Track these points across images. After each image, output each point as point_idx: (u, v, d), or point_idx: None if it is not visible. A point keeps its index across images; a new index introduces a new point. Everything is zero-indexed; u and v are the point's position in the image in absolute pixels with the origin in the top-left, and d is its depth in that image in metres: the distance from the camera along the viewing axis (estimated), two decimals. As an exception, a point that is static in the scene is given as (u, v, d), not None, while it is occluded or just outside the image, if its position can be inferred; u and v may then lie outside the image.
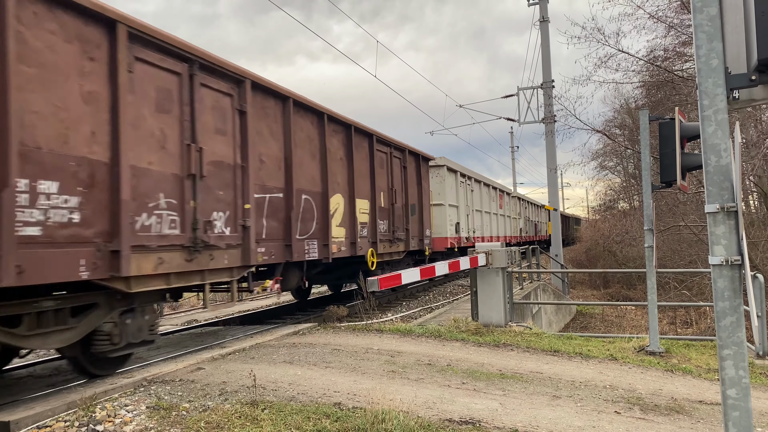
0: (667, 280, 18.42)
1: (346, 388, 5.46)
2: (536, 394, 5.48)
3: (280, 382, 5.61)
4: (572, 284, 26.14)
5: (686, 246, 19.17)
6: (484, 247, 8.91)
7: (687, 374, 6.75)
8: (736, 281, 2.66)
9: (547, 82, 25.24)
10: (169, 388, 5.53)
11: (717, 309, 2.70)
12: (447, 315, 10.85)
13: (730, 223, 2.68)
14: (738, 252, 2.66)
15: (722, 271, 2.69)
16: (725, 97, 2.72)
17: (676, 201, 19.65)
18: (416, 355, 6.86)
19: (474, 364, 6.54)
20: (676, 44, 20.56)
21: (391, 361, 6.54)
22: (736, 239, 2.67)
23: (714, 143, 2.70)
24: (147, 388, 5.61)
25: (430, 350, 7.21)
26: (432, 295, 15.65)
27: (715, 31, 2.73)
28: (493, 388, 5.59)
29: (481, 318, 9.03)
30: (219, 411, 4.71)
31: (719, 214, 2.68)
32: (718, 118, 2.70)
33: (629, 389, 5.79)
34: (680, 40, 20.55)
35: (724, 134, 2.69)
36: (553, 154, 23.99)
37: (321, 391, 5.32)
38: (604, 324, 19.44)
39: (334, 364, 6.35)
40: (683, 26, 19.24)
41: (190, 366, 6.51)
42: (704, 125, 2.72)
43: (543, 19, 25.83)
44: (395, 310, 12.87)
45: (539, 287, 17.18)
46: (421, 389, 5.47)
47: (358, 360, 6.55)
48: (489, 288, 8.93)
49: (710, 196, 2.71)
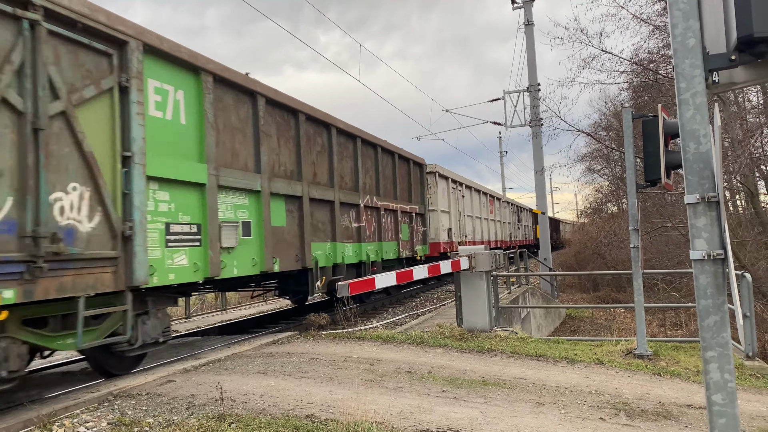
0: (655, 282, 18.30)
1: (320, 398, 5.21)
2: (519, 401, 5.26)
3: (251, 394, 5.36)
4: (561, 288, 26.01)
5: (674, 247, 19.07)
6: (468, 250, 8.71)
7: (675, 377, 6.56)
8: (719, 277, 2.46)
9: (533, 85, 25.17)
10: (135, 403, 5.26)
11: (699, 307, 2.50)
12: (433, 321, 10.62)
13: (711, 214, 2.48)
14: (721, 245, 2.46)
15: (704, 266, 2.48)
16: (703, 80, 2.52)
17: (663, 201, 19.59)
18: (396, 363, 6.62)
19: (456, 371, 6.31)
20: (661, 47, 20.57)
21: (370, 370, 6.30)
22: (718, 231, 2.47)
23: (692, 129, 2.50)
24: (111, 403, 5.34)
25: (411, 357, 6.98)
26: (419, 301, 15.42)
27: (691, 9, 2.53)
28: (474, 396, 5.37)
29: (466, 323, 8.81)
30: (183, 426, 4.45)
31: (699, 205, 2.48)
32: (696, 101, 2.50)
33: (615, 394, 5.59)
34: (665, 42, 20.55)
35: (703, 119, 2.50)
36: (540, 156, 23.91)
37: (294, 403, 5.08)
38: (594, 327, 19.29)
39: (310, 374, 6.10)
40: (667, 29, 19.24)
41: (161, 378, 6.24)
42: (682, 110, 2.53)
43: (528, 22, 25.83)
44: (381, 316, 12.62)
45: (527, 291, 16.99)
46: (398, 398, 5.24)
47: (336, 369, 6.31)
48: (473, 292, 8.72)
49: (690, 186, 2.51)
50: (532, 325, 17.28)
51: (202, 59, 7.06)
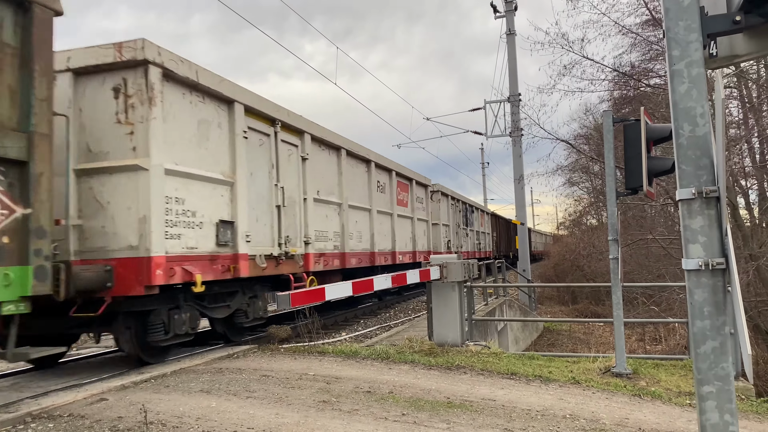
0: (635, 296, 17.94)
1: (263, 423, 4.63)
2: (485, 426, 4.72)
3: (186, 417, 4.76)
4: (540, 299, 25.62)
5: (654, 260, 18.77)
6: (439, 259, 8.19)
7: (656, 399, 6.08)
8: (719, 292, 1.96)
9: (514, 95, 24.89)
10: (52, 426, 4.64)
11: (694, 330, 1.99)
12: (405, 333, 10.07)
13: (709, 213, 1.97)
14: (721, 252, 1.96)
15: (700, 278, 1.98)
16: (701, 46, 2.03)
17: (643, 213, 19.30)
18: (356, 381, 6.06)
19: (420, 391, 5.76)
20: (643, 59, 20.36)
21: (326, 389, 5.72)
22: (718, 235, 1.97)
23: (687, 107, 2.01)
24: (27, 425, 4.71)
25: (373, 375, 6.41)
26: (393, 312, 14.85)
27: (686, -41, 2.05)
28: (436, 420, 4.82)
29: (436, 337, 8.28)
30: (97, 457, 3.84)
31: (695, 202, 1.98)
32: (693, 73, 2.01)
33: (592, 419, 5.08)
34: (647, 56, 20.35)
35: (700, 94, 2.00)
36: (519, 165, 23.62)
37: (232, 428, 4.49)
38: (572, 341, 18.88)
39: (258, 394, 5.51)
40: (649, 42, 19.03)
41: (92, 396, 5.60)
42: (674, 83, 2.03)
43: (510, 32, 25.61)
44: (351, 328, 12.04)
45: (505, 303, 16.52)
46: (352, 423, 4.68)
47: (287, 388, 5.72)
48: (444, 304, 8.20)
49: (683, 178, 2.01)
50: (509, 337, 16.80)
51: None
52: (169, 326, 6.92)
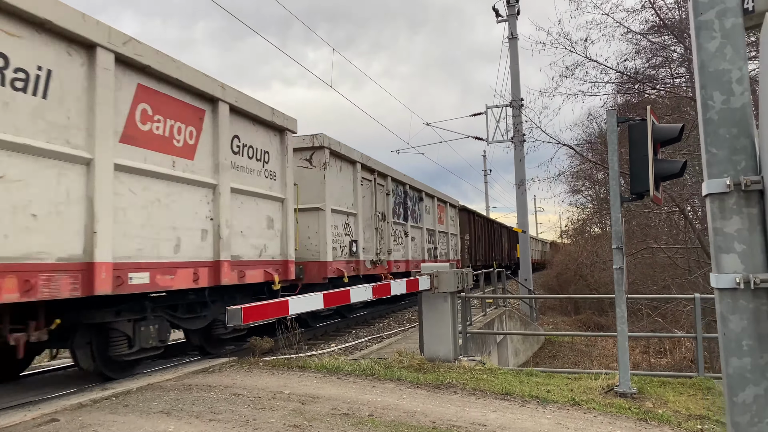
0: (639, 307, 17.36)
1: (222, 452, 4.11)
2: (473, 458, 4.19)
3: (136, 444, 4.24)
4: (542, 310, 25.05)
5: (659, 270, 18.19)
6: (430, 268, 7.66)
7: (664, 424, 5.53)
8: (763, 320, 1.44)
9: (516, 99, 24.45)
10: (-15, 454, 4.13)
11: (729, 371, 1.47)
12: (397, 345, 9.55)
13: (750, 212, 1.45)
14: (766, 266, 1.45)
15: (737, 300, 1.46)
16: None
17: (648, 221, 18.73)
18: (334, 402, 5.52)
19: (403, 414, 5.23)
20: (647, 67, 19.83)
21: (299, 411, 5.19)
22: (761, 242, 1.46)
23: (719, 70, 1.50)
24: (-43, 452, 4.20)
25: (354, 394, 5.88)
26: (387, 323, 14.32)
27: None
28: (418, 450, 4.29)
29: (427, 352, 7.74)
30: (20, 494, 3.32)
31: (730, 197, 1.46)
32: (726, 24, 1.50)
33: (593, 449, 4.54)
34: (651, 63, 19.82)
35: (737, 53, 1.49)
36: (521, 169, 23.13)
37: (184, 459, 3.97)
38: (574, 353, 18.29)
39: (223, 416, 4.99)
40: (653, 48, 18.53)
41: (43, 417, 5.09)
42: (701, 40, 1.52)
43: (512, 36, 25.20)
44: (341, 339, 11.52)
45: (504, 313, 15.97)
46: (321, 453, 4.15)
47: (257, 410, 5.19)
48: (435, 316, 7.66)
49: (714, 165, 1.49)
50: (509, 349, 16.24)
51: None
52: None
